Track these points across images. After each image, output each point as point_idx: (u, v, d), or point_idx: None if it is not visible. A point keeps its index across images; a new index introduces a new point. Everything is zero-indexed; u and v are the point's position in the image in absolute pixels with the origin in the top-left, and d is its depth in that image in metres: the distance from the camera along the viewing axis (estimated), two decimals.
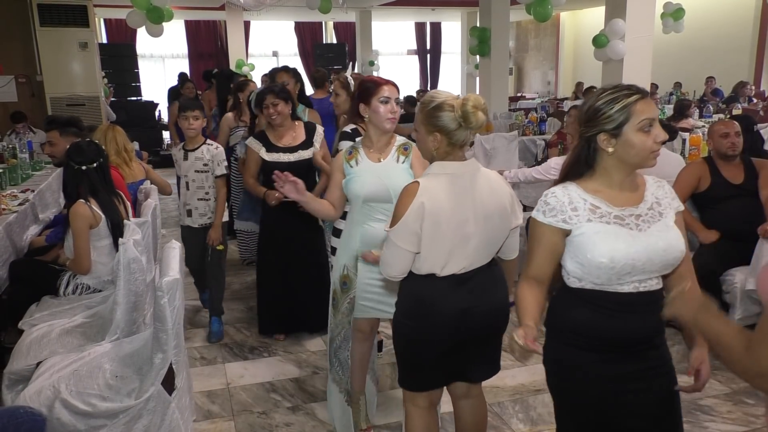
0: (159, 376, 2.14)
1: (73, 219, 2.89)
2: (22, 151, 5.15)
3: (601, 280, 1.64)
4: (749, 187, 3.54)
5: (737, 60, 11.42)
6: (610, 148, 1.63)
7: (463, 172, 1.95)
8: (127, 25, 7.59)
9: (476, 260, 1.99)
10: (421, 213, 1.87)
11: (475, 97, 1.91)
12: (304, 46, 16.28)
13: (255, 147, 3.45)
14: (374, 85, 2.47)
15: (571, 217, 1.65)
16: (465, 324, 1.97)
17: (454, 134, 1.92)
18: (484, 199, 1.96)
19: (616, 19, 6.43)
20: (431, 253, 1.92)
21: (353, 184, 2.45)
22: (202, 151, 3.63)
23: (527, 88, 17.62)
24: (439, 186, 1.92)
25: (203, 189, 3.66)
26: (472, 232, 1.94)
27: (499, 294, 2.07)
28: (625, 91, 1.63)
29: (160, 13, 7.02)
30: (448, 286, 1.96)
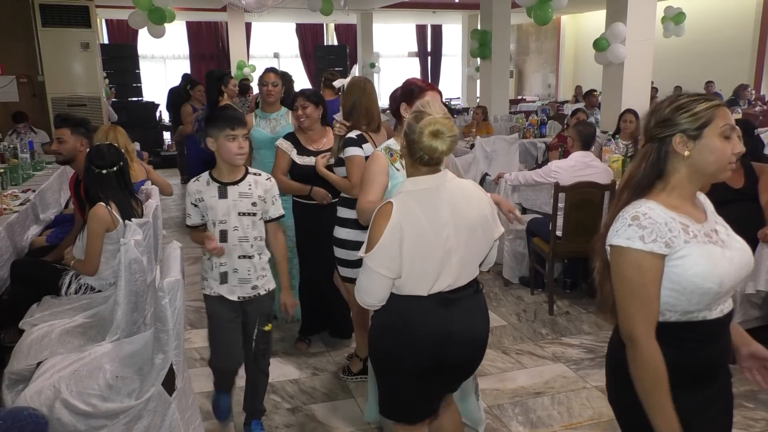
0: (159, 377, 2.14)
1: (90, 220, 2.91)
2: (23, 151, 5.16)
3: (699, 306, 1.46)
4: (749, 191, 3.54)
5: (737, 64, 11.43)
6: (687, 152, 1.46)
7: (437, 185, 1.87)
8: (128, 26, 7.60)
9: (462, 276, 1.90)
10: (399, 234, 1.78)
11: (443, 124, 1.78)
12: (305, 47, 16.30)
13: (286, 148, 3.36)
14: (419, 88, 2.47)
15: (672, 240, 1.44)
16: (443, 347, 1.88)
17: (412, 145, 1.83)
18: (463, 210, 1.87)
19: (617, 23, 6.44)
20: (414, 276, 1.83)
21: None
22: (249, 184, 2.50)
23: (528, 90, 17.63)
24: (414, 202, 1.83)
25: (248, 241, 2.50)
26: (454, 247, 1.85)
27: (483, 325, 2.00)
28: (704, 95, 1.49)
29: (162, 14, 7.04)
30: (432, 306, 1.87)
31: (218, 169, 2.46)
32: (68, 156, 3.49)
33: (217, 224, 2.45)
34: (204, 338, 3.85)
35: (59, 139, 3.50)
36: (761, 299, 3.35)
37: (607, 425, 2.88)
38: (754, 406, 3.01)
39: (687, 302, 1.45)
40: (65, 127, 3.50)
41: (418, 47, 17.80)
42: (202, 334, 3.90)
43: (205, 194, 2.45)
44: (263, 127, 3.90)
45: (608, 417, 2.94)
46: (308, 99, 3.31)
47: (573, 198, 3.97)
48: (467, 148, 6.75)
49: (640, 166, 1.53)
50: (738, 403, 3.03)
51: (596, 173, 4.12)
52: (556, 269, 4.65)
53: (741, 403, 3.04)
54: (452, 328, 1.88)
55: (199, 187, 2.47)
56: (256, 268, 2.53)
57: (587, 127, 4.38)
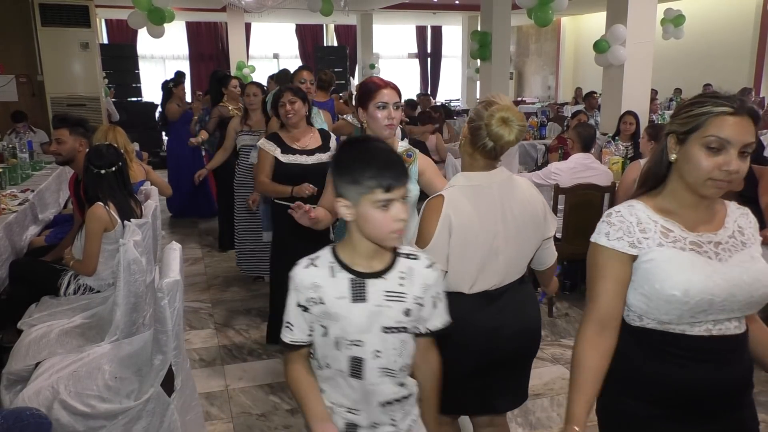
0: (158, 378, 2.13)
1: (89, 220, 2.91)
2: (22, 150, 5.15)
3: (669, 317, 1.39)
4: (749, 194, 3.54)
5: (737, 66, 11.44)
6: (673, 155, 1.41)
7: (490, 182, 1.82)
8: (128, 26, 7.59)
9: (508, 275, 1.87)
10: (448, 227, 1.75)
11: (515, 114, 1.73)
12: (305, 48, 16.30)
13: (269, 148, 3.25)
14: (373, 86, 2.30)
15: (639, 240, 1.40)
16: (494, 345, 1.84)
17: (476, 132, 1.77)
18: (515, 209, 1.83)
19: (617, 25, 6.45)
20: (458, 271, 1.79)
21: None
22: (402, 274, 1.44)
23: (528, 92, 17.65)
24: (465, 198, 1.78)
25: (394, 375, 1.44)
26: (502, 246, 1.81)
27: (531, 313, 1.94)
28: (722, 99, 1.35)
29: (161, 14, 7.03)
30: (477, 304, 1.83)
31: (350, 244, 1.43)
32: (67, 156, 3.48)
33: (345, 347, 1.41)
34: (203, 339, 3.84)
35: (58, 140, 3.48)
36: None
37: None
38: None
39: (656, 310, 1.39)
40: (63, 127, 3.48)
41: (418, 48, 17.80)
42: (202, 335, 3.90)
43: (327, 292, 1.40)
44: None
45: None
46: (296, 94, 3.25)
47: (573, 200, 3.97)
48: None
49: (649, 165, 1.50)
50: None
51: (596, 175, 4.12)
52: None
53: None
54: (502, 322, 1.85)
55: (315, 276, 1.41)
56: (409, 415, 1.51)
57: (587, 128, 4.38)
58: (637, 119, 5.66)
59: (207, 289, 4.71)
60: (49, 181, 4.80)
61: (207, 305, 4.39)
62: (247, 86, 4.69)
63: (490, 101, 1.78)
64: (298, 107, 3.24)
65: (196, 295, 4.59)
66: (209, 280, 4.91)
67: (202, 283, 4.84)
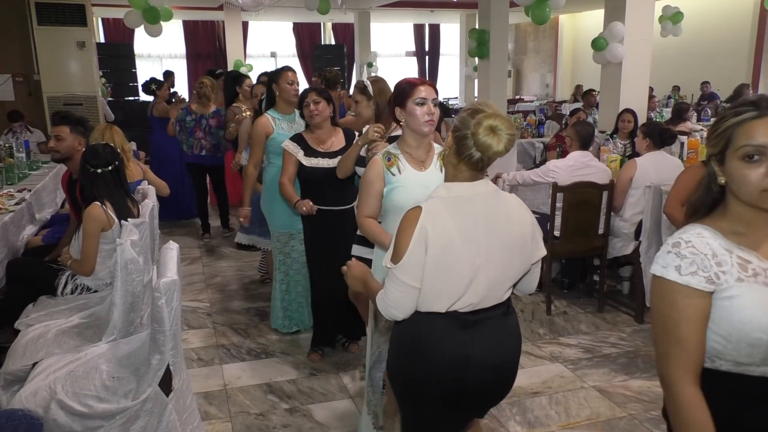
0: (156, 378, 2.12)
1: (86, 220, 2.90)
2: (18, 150, 5.13)
3: (751, 359, 1.25)
4: None
5: (735, 64, 11.45)
6: (721, 178, 1.28)
7: (473, 194, 1.70)
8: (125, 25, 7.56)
9: (488, 296, 1.72)
10: (425, 243, 1.63)
11: (503, 122, 1.62)
12: (303, 47, 16.28)
13: (292, 150, 3.19)
14: (409, 86, 2.27)
15: (717, 275, 1.24)
16: (463, 373, 1.71)
17: (461, 142, 1.66)
18: (500, 226, 1.70)
19: (615, 22, 6.44)
20: (434, 288, 1.67)
21: (397, 195, 2.26)
22: None
23: (526, 90, 17.64)
24: (445, 210, 1.67)
25: None
26: (483, 266, 1.67)
27: (507, 349, 1.80)
28: (743, 106, 1.26)
29: (158, 13, 7.01)
30: (448, 327, 1.70)
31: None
32: (65, 154, 3.44)
33: None
34: (201, 338, 3.83)
35: (57, 137, 3.43)
36: None
37: (604, 425, 2.87)
38: None
39: (735, 352, 1.24)
40: (65, 124, 3.43)
41: (416, 47, 17.79)
42: (200, 334, 3.90)
43: None
44: (286, 130, 3.62)
45: (605, 416, 2.94)
46: (320, 95, 3.20)
47: (571, 198, 3.97)
48: None
49: (698, 185, 1.36)
50: None
51: (594, 173, 4.12)
52: (554, 269, 4.65)
53: None
54: (471, 352, 1.70)
55: None
56: None
57: (585, 126, 4.38)
58: (636, 117, 5.66)
59: (205, 289, 4.70)
60: (46, 180, 4.78)
61: (205, 305, 4.38)
62: (255, 87, 4.63)
63: (477, 108, 1.69)
64: (322, 108, 3.18)
65: (194, 294, 4.58)
66: (207, 280, 4.90)
67: (200, 283, 4.83)
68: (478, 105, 1.71)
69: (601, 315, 4.15)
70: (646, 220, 3.88)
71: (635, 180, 4.11)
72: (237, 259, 5.40)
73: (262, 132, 3.64)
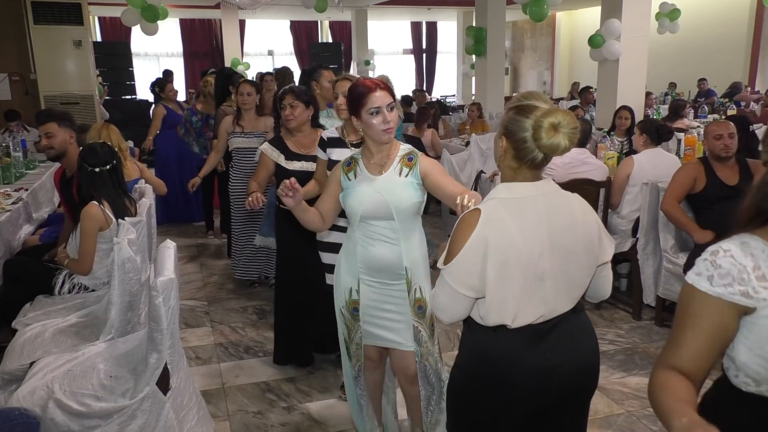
0: (154, 376, 2.12)
1: (83, 219, 2.89)
2: (15, 149, 5.13)
3: None
4: (744, 188, 3.50)
5: (731, 60, 11.47)
6: None
7: (536, 195, 1.57)
8: (121, 24, 7.55)
9: (557, 305, 1.59)
10: (484, 248, 1.51)
11: (564, 115, 1.49)
12: (300, 45, 16.26)
13: (271, 155, 3.07)
14: (361, 93, 2.10)
15: (756, 290, 1.13)
16: (546, 388, 1.58)
17: (521, 145, 1.54)
18: (563, 228, 1.58)
19: (612, 19, 6.44)
20: (499, 299, 1.53)
21: (350, 199, 2.18)
22: None
23: (523, 87, 17.64)
24: (506, 213, 1.54)
25: None
26: (548, 271, 1.55)
27: (587, 347, 1.68)
28: None
29: (155, 12, 7.00)
30: (523, 341, 1.56)
31: None
32: (60, 149, 3.41)
33: None
34: (199, 337, 3.84)
35: (47, 134, 3.41)
36: None
37: (602, 422, 2.88)
38: None
39: None
40: (51, 121, 3.43)
41: (413, 44, 17.79)
42: (198, 333, 3.90)
43: None
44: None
45: (603, 414, 2.94)
46: (298, 97, 3.03)
47: None
48: (462, 146, 6.74)
49: (751, 199, 1.27)
50: None
51: (591, 170, 4.12)
52: None
53: None
54: (555, 362, 1.57)
55: None
56: None
57: (582, 124, 4.38)
58: (633, 114, 5.66)
59: (203, 287, 4.70)
60: (42, 179, 4.78)
61: (203, 303, 4.38)
62: (240, 85, 4.40)
63: (527, 105, 1.54)
64: (298, 113, 3.04)
65: (192, 293, 4.58)
66: (205, 279, 4.90)
67: (198, 282, 4.83)
68: (525, 100, 1.56)
69: (599, 312, 4.15)
70: (643, 217, 3.89)
71: (632, 177, 4.11)
72: None
73: None
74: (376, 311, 2.27)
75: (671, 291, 3.75)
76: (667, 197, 3.67)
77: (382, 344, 2.34)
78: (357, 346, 2.35)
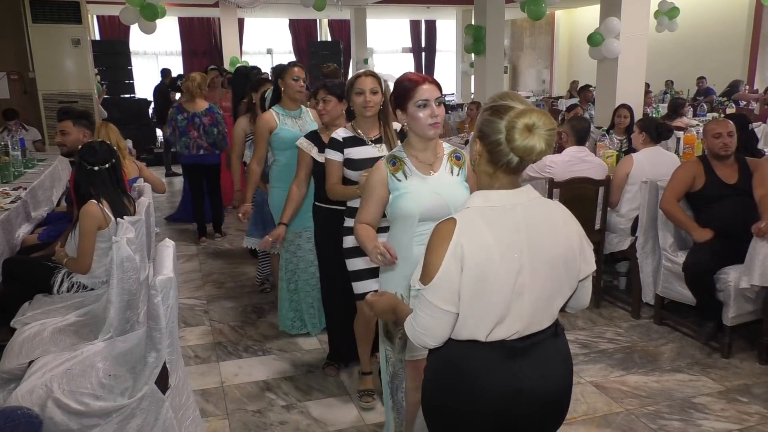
0: (153, 375, 2.12)
1: (82, 218, 2.89)
2: (14, 148, 5.12)
3: None
4: (743, 186, 3.55)
5: (731, 59, 11.46)
6: None
7: (514, 203, 1.49)
8: (120, 22, 7.54)
9: (534, 321, 1.52)
10: (460, 258, 1.43)
11: (539, 116, 1.42)
12: (299, 43, 16.24)
13: (306, 147, 3.04)
14: (409, 85, 2.06)
15: None
16: (511, 412, 1.52)
17: (495, 148, 1.46)
18: (544, 238, 1.50)
19: (611, 18, 6.44)
20: (473, 313, 1.46)
21: (406, 201, 2.07)
22: None
23: (522, 86, 17.63)
24: (482, 222, 1.46)
25: None
26: (528, 283, 1.47)
27: (564, 376, 1.60)
28: None
29: (154, 10, 6.99)
30: (496, 357, 1.50)
31: None
32: (72, 147, 3.59)
33: None
34: (198, 335, 3.83)
35: (62, 131, 3.59)
36: (755, 293, 3.36)
37: (601, 420, 2.88)
38: (748, 400, 3.02)
39: None
40: (67, 119, 3.62)
41: (412, 43, 17.77)
42: (197, 331, 3.89)
43: None
44: (290, 126, 3.59)
45: (602, 412, 2.94)
46: (330, 92, 3.03)
47: (567, 193, 3.97)
48: (462, 145, 6.74)
49: None
50: (732, 397, 3.05)
51: (591, 168, 4.12)
52: None
53: (735, 397, 3.05)
54: (523, 385, 1.51)
55: None
56: None
57: (581, 122, 4.38)
58: (632, 112, 5.66)
59: (202, 286, 4.70)
60: (41, 178, 4.77)
61: (202, 302, 4.38)
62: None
63: (501, 106, 1.48)
64: (331, 107, 3.04)
65: (191, 292, 4.58)
66: (204, 277, 4.90)
67: (197, 280, 4.83)
68: (500, 101, 1.50)
69: (598, 311, 4.15)
70: (642, 216, 3.89)
71: (631, 176, 4.11)
72: (234, 257, 5.40)
73: (265, 128, 3.59)
74: None
75: (670, 289, 3.75)
76: (666, 196, 3.67)
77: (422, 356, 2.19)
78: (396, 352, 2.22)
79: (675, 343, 3.66)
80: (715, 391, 3.11)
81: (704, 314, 3.58)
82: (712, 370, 3.33)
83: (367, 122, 2.68)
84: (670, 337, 3.75)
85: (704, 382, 3.20)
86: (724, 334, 3.45)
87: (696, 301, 3.57)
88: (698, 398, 3.05)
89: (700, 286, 3.48)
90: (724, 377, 3.24)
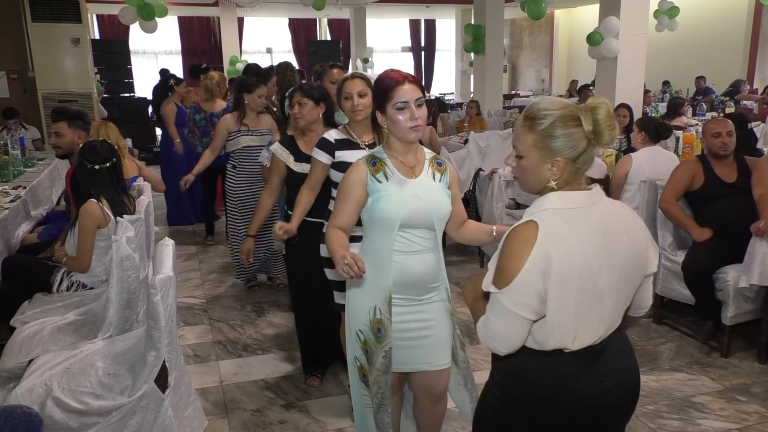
0: (152, 374, 2.13)
1: (82, 217, 2.89)
2: (13, 147, 5.13)
3: None
4: (742, 185, 3.55)
5: (730, 58, 11.46)
6: None
7: (590, 204, 1.44)
8: (120, 21, 7.53)
9: (612, 324, 1.48)
10: (547, 266, 1.35)
11: (606, 105, 1.41)
12: (298, 42, 16.26)
13: (281, 155, 2.89)
14: (388, 85, 1.92)
15: None
16: (600, 410, 1.48)
17: (582, 156, 1.43)
18: (618, 239, 1.44)
19: (611, 17, 6.44)
20: (560, 321, 1.39)
21: (386, 204, 1.93)
22: None
23: (522, 85, 17.64)
24: (564, 225, 1.39)
25: None
26: (607, 287, 1.42)
27: (633, 367, 1.57)
28: None
29: (153, 9, 7.00)
30: (580, 364, 1.44)
31: None
32: (67, 149, 3.53)
33: None
34: (197, 334, 3.84)
35: (57, 133, 3.50)
36: (753, 293, 3.36)
37: None
38: (747, 400, 3.02)
39: None
40: (62, 120, 3.52)
41: (412, 42, 17.78)
42: (196, 330, 3.89)
43: None
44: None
45: None
46: (306, 95, 2.85)
47: None
48: (461, 144, 6.74)
49: None
50: (731, 396, 3.05)
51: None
52: None
53: (734, 396, 3.06)
54: (606, 385, 1.47)
55: None
56: None
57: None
58: (631, 112, 5.67)
59: (201, 285, 4.70)
60: (41, 177, 4.77)
61: (201, 301, 4.38)
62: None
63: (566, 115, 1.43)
64: (307, 110, 2.85)
65: (190, 291, 4.58)
66: (203, 276, 4.90)
67: (197, 279, 4.83)
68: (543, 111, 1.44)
69: None
70: (641, 215, 3.89)
71: (631, 175, 4.12)
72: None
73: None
74: (407, 332, 2.03)
75: (669, 289, 3.76)
76: (665, 195, 3.67)
77: (411, 369, 2.11)
78: (379, 372, 2.03)
79: (674, 342, 3.67)
80: (714, 391, 3.11)
81: (703, 313, 3.58)
82: (711, 369, 3.33)
83: (359, 126, 2.54)
84: (669, 336, 3.75)
85: (703, 381, 3.20)
86: (723, 333, 3.45)
87: (695, 300, 3.57)
88: (697, 397, 3.05)
89: (699, 286, 3.49)
90: (723, 376, 3.24)
